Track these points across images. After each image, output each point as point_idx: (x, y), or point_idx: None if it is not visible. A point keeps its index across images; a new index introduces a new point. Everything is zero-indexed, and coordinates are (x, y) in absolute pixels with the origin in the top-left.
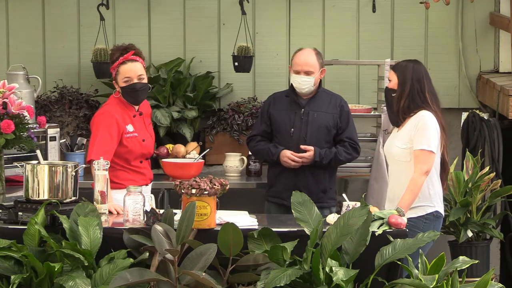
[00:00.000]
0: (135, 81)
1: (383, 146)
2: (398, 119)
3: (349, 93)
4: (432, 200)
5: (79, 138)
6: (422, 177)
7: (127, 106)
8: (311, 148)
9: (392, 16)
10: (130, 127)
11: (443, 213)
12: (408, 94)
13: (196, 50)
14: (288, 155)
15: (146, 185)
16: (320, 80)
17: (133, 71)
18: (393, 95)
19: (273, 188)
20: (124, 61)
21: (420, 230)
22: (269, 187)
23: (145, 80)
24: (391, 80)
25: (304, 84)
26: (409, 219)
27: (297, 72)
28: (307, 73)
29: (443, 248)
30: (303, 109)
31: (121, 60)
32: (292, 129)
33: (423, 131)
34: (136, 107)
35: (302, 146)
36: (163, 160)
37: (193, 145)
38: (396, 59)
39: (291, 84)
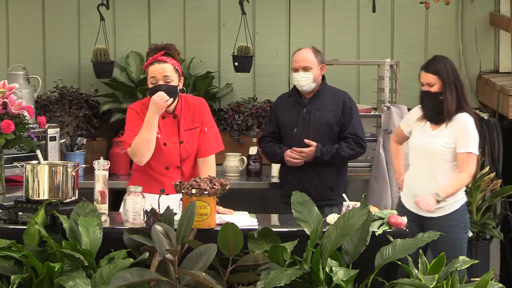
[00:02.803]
0: (161, 82)
1: (383, 146)
2: (443, 120)
3: (349, 93)
4: (462, 191)
5: (79, 138)
6: (469, 179)
7: None
8: (314, 143)
9: (392, 16)
10: None
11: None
12: (457, 95)
13: (196, 50)
14: (288, 154)
15: (166, 194)
16: (324, 77)
17: (159, 72)
18: (440, 98)
19: (283, 188)
20: (152, 62)
21: (462, 223)
22: (280, 186)
23: (174, 83)
24: (435, 84)
25: (303, 80)
26: (450, 215)
27: (296, 70)
28: (305, 69)
29: None
30: (305, 109)
31: (150, 60)
32: (295, 129)
33: (469, 134)
34: (169, 108)
35: (306, 140)
36: None
37: None
38: (396, 59)
39: (294, 84)
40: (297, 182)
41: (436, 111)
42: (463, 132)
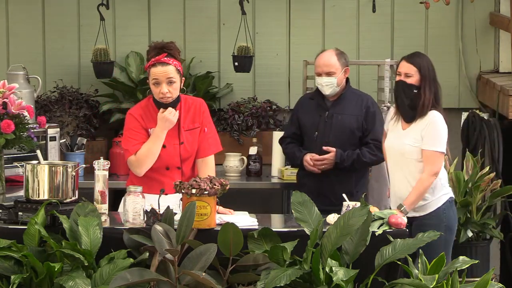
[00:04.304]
0: (164, 84)
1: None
2: (416, 116)
3: None
4: (444, 187)
5: (79, 138)
6: (431, 179)
7: (155, 108)
8: (333, 149)
9: (392, 16)
10: (152, 131)
11: (453, 195)
12: (434, 93)
13: (196, 50)
14: (307, 159)
15: (166, 194)
16: (348, 80)
17: (162, 74)
18: (415, 91)
19: (299, 190)
20: (154, 63)
21: (444, 223)
22: (297, 189)
23: (177, 84)
24: (412, 76)
25: (326, 85)
26: (430, 214)
27: (319, 74)
28: (328, 74)
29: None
30: (327, 112)
31: (152, 62)
32: (316, 133)
33: (435, 132)
34: None
35: (324, 148)
36: None
37: None
38: (396, 59)
39: (317, 86)
40: (315, 186)
41: (409, 104)
42: (430, 129)
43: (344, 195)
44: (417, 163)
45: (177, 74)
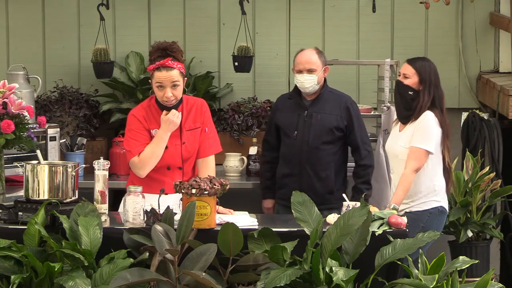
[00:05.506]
0: (168, 88)
1: (383, 146)
2: (410, 117)
3: (349, 93)
4: (437, 194)
5: (79, 138)
6: (413, 174)
7: (157, 109)
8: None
9: (392, 16)
10: (155, 132)
11: (447, 209)
12: (432, 101)
13: (196, 50)
14: (266, 206)
15: (166, 193)
16: (325, 80)
17: (167, 79)
18: (410, 92)
19: (281, 190)
20: (159, 67)
21: (423, 223)
22: (277, 189)
23: (181, 86)
24: (409, 77)
25: (307, 82)
26: (413, 213)
27: (299, 71)
28: (310, 71)
29: (443, 248)
30: (306, 111)
31: (157, 65)
32: (296, 132)
33: (423, 130)
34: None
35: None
36: None
37: None
38: (396, 59)
39: (295, 85)
40: (296, 186)
41: (403, 105)
42: (419, 127)
43: (344, 195)
44: None
45: (180, 77)
